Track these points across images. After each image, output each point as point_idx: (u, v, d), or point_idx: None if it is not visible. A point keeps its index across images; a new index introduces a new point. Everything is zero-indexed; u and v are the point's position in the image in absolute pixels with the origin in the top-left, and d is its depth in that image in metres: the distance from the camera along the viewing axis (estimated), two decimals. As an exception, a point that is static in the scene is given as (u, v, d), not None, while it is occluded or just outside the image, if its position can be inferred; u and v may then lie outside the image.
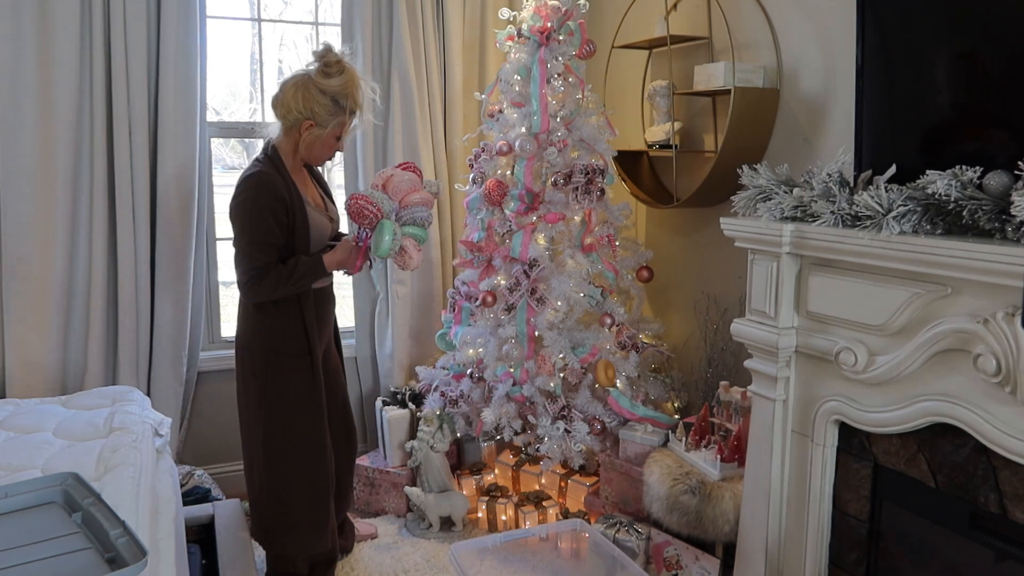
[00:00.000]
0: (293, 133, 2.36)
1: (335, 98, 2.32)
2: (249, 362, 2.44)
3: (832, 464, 2.10)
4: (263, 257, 2.28)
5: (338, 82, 2.30)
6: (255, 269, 2.29)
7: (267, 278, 2.28)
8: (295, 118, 2.32)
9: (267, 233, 2.28)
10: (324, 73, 2.30)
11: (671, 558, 2.61)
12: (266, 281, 2.29)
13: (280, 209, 2.29)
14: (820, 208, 1.94)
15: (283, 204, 2.29)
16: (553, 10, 2.98)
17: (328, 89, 2.30)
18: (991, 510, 1.71)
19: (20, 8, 2.80)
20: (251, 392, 2.46)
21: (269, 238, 2.29)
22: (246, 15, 3.67)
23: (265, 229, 2.28)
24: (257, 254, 2.28)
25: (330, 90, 2.31)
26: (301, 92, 2.29)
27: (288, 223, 2.32)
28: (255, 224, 2.27)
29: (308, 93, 2.29)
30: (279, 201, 2.28)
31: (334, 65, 2.30)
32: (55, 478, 1.67)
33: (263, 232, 2.27)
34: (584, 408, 2.96)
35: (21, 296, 2.92)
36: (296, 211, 2.33)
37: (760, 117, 2.70)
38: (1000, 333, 1.59)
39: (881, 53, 2.02)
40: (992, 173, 1.63)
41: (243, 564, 2.35)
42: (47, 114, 2.88)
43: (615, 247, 3.10)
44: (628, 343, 3.03)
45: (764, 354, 2.18)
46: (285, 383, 2.41)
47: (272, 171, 2.32)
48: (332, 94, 2.31)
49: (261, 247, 2.28)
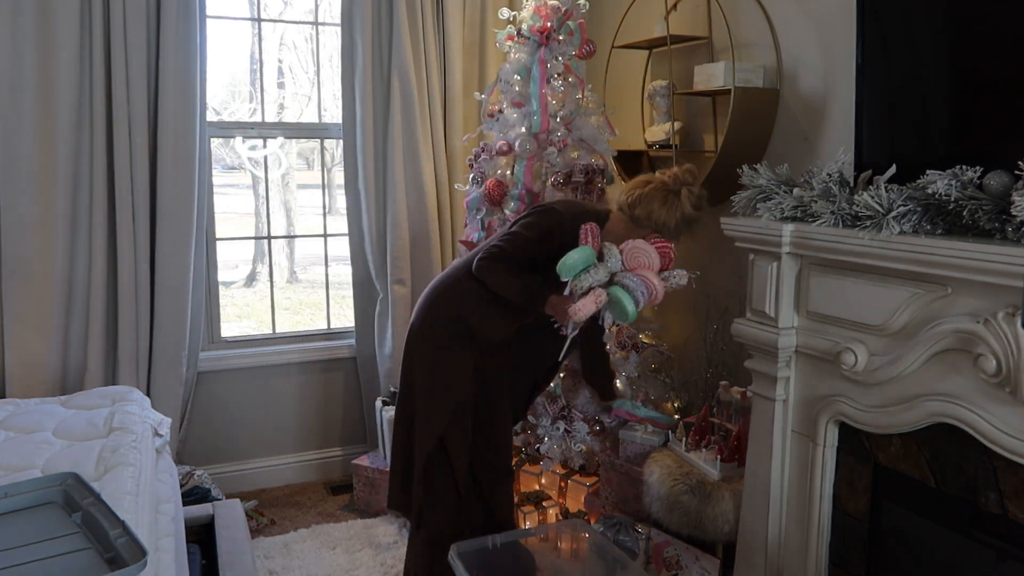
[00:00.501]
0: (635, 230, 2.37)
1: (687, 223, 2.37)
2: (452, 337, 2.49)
3: (832, 464, 2.10)
4: (518, 252, 2.37)
5: (697, 215, 2.37)
6: (506, 252, 2.37)
7: (503, 263, 2.36)
8: (649, 223, 2.35)
9: (542, 244, 2.35)
10: (689, 200, 2.34)
11: (671, 558, 2.61)
12: (503, 264, 2.36)
13: (567, 240, 2.28)
14: (820, 208, 1.94)
15: (570, 240, 2.28)
16: (553, 10, 2.98)
17: (688, 216, 2.35)
18: (991, 510, 1.71)
19: (20, 8, 2.80)
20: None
21: (540, 248, 2.35)
22: (246, 15, 3.67)
23: (545, 241, 2.35)
24: (522, 246, 2.37)
25: (688, 217, 2.35)
26: (667, 208, 2.33)
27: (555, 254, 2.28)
28: (540, 227, 2.37)
29: (672, 211, 2.33)
30: (571, 235, 2.28)
31: (696, 198, 2.35)
32: (55, 478, 1.67)
33: (542, 242, 2.35)
34: (584, 408, 2.96)
35: (21, 296, 2.93)
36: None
37: (760, 117, 2.70)
38: (1000, 333, 1.59)
39: (881, 53, 2.02)
40: (992, 173, 1.63)
41: (243, 564, 2.35)
42: (47, 114, 2.88)
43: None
44: (628, 343, 3.03)
45: (764, 354, 2.18)
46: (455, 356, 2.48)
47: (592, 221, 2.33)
48: (687, 220, 2.36)
49: (530, 245, 2.37)
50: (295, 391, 3.61)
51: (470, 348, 2.47)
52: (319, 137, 3.84)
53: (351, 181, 3.51)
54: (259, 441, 3.57)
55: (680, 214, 2.34)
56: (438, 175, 3.53)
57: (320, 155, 4.26)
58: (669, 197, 2.34)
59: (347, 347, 3.67)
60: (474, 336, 2.47)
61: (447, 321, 2.48)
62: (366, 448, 3.65)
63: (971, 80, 1.82)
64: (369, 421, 3.65)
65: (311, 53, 7.23)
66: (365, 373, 3.63)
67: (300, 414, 3.63)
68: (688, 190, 2.34)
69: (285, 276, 8.86)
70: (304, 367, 3.61)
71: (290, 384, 3.60)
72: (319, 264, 4.50)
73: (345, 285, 3.75)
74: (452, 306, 2.48)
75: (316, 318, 7.38)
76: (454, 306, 2.48)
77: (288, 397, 3.60)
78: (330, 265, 3.97)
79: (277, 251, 8.56)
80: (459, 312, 2.47)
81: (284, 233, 8.38)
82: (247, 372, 3.50)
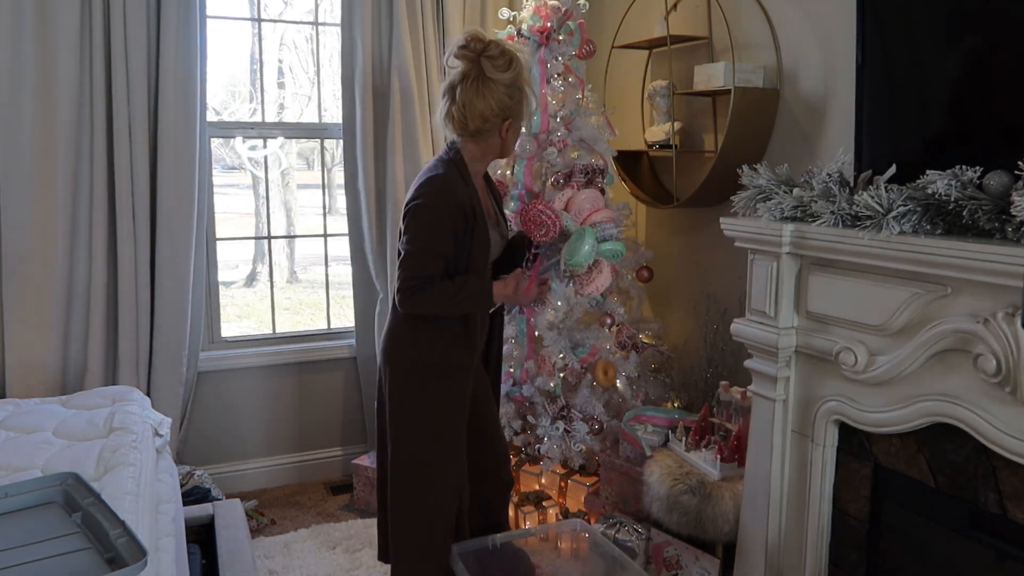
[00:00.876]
0: (488, 138, 2.20)
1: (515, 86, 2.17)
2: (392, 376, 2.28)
3: (832, 464, 2.10)
4: (430, 267, 2.11)
5: (514, 76, 2.16)
6: (418, 278, 2.10)
7: (429, 291, 2.10)
8: (493, 124, 2.16)
9: (440, 242, 2.11)
10: (496, 68, 2.13)
11: (671, 558, 2.61)
12: (428, 294, 2.11)
13: (459, 218, 2.12)
14: (820, 208, 1.94)
15: (462, 214, 2.12)
16: (553, 10, 2.98)
17: (509, 83, 2.15)
18: (991, 510, 1.71)
19: (20, 8, 2.80)
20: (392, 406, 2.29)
21: (440, 247, 2.11)
22: (246, 15, 3.67)
23: (439, 238, 2.11)
24: (425, 261, 2.11)
25: (507, 81, 2.14)
26: (488, 95, 2.12)
27: (463, 235, 2.15)
28: (430, 230, 2.10)
29: (494, 93, 2.13)
30: (459, 210, 2.12)
31: (500, 58, 2.13)
32: (55, 478, 1.67)
33: (436, 240, 2.10)
34: (584, 408, 2.96)
35: (21, 296, 2.93)
36: (474, 224, 2.16)
37: (760, 117, 2.70)
38: (1000, 333, 1.59)
39: (881, 53, 2.02)
40: (992, 173, 1.63)
41: (243, 564, 2.35)
42: (47, 114, 2.88)
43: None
44: (628, 343, 3.03)
45: (764, 354, 2.18)
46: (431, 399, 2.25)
47: (457, 177, 2.16)
48: (510, 84, 2.15)
49: (430, 255, 2.11)
50: (295, 391, 3.61)
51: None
52: (319, 137, 3.84)
53: (351, 181, 3.51)
54: (259, 441, 3.57)
55: (502, 88, 2.12)
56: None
57: (320, 155, 4.26)
58: (477, 83, 2.11)
59: (347, 347, 3.67)
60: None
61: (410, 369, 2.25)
62: (366, 448, 3.65)
63: (971, 80, 1.82)
64: (369, 421, 3.65)
65: (311, 53, 7.24)
66: (365, 373, 3.63)
67: (300, 414, 3.63)
68: (486, 61, 2.11)
69: (285, 276, 8.87)
70: (304, 367, 3.61)
71: (290, 384, 3.60)
72: (319, 264, 4.51)
73: (345, 285, 3.76)
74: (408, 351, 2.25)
75: (316, 318, 7.38)
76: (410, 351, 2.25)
77: (288, 397, 3.60)
78: (330, 265, 3.97)
79: (277, 251, 8.56)
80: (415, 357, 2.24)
81: (284, 233, 8.38)
82: (247, 372, 3.50)
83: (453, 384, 2.25)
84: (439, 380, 2.24)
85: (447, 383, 2.24)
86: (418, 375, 2.24)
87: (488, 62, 2.12)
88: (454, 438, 2.28)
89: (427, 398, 2.24)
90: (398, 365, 2.26)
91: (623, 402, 3.09)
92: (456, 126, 2.19)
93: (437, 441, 2.26)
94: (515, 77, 2.16)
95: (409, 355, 2.24)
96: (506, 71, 2.13)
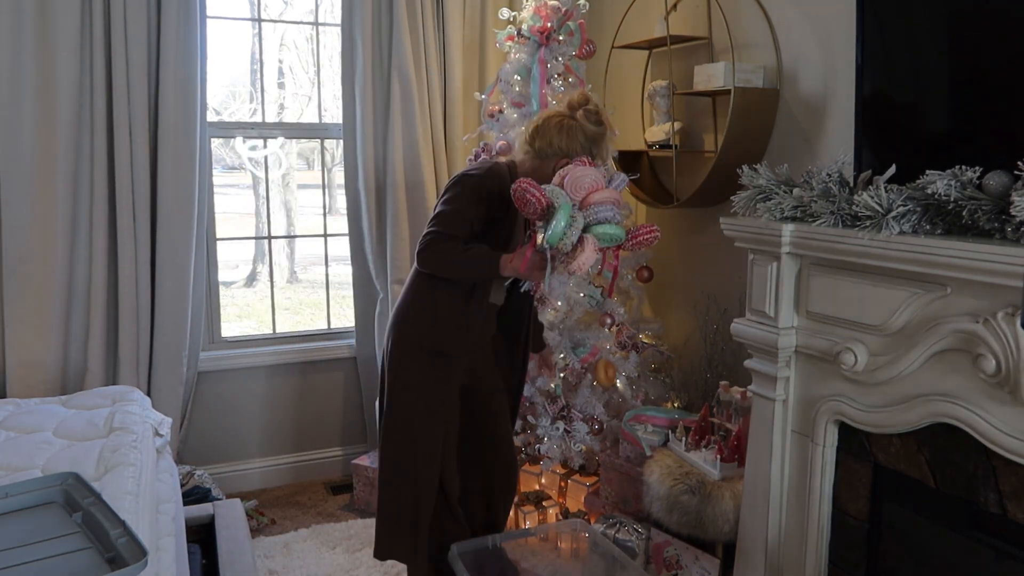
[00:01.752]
0: (545, 162, 2.37)
1: (592, 141, 2.38)
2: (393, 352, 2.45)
3: (832, 464, 2.10)
4: (457, 229, 2.27)
5: (599, 130, 2.38)
6: (443, 234, 2.27)
7: (445, 244, 2.26)
8: (553, 152, 2.36)
9: (474, 214, 2.29)
10: (587, 119, 2.36)
11: (671, 558, 2.61)
12: (443, 247, 2.26)
13: (497, 203, 2.31)
14: (820, 208, 1.94)
15: (503, 201, 2.28)
16: (553, 10, 2.98)
17: (589, 134, 2.36)
18: (991, 510, 1.71)
19: (20, 8, 2.81)
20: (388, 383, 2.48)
21: (472, 217, 2.29)
22: (246, 15, 3.67)
23: (475, 209, 2.29)
24: (455, 222, 2.28)
25: (590, 134, 2.36)
26: (566, 132, 2.34)
27: (495, 221, 2.34)
28: (467, 199, 2.30)
29: (572, 133, 2.34)
30: (501, 196, 2.28)
31: (594, 115, 2.37)
32: (55, 478, 1.67)
33: (472, 210, 2.29)
34: (584, 408, 2.96)
35: (21, 296, 2.93)
36: (506, 216, 2.35)
37: (760, 117, 2.70)
38: (1000, 333, 1.59)
39: (881, 53, 2.02)
40: (992, 173, 1.63)
41: (243, 564, 2.35)
42: (47, 114, 2.89)
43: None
44: (628, 343, 3.03)
45: (764, 354, 2.18)
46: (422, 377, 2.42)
47: (508, 176, 2.36)
48: (590, 137, 2.37)
49: (462, 220, 2.28)
50: (295, 391, 3.61)
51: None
52: (319, 137, 3.84)
53: (351, 181, 3.51)
54: (259, 441, 3.57)
55: (582, 135, 2.34)
56: (438, 175, 3.53)
57: (320, 155, 4.26)
58: (565, 122, 2.35)
59: (347, 347, 3.67)
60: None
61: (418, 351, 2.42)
62: (366, 448, 3.65)
63: (971, 80, 1.82)
64: (369, 421, 3.65)
65: (311, 53, 7.23)
66: (365, 373, 3.63)
67: (300, 414, 3.63)
68: (584, 111, 2.35)
69: (285, 276, 8.87)
70: (304, 367, 3.61)
71: (290, 384, 3.60)
72: (319, 264, 4.51)
73: (345, 285, 3.76)
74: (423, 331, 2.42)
75: (316, 318, 7.38)
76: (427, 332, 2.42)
77: (288, 397, 3.60)
78: (330, 265, 3.97)
79: (277, 251, 8.56)
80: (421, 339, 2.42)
81: (284, 233, 8.38)
82: (247, 372, 3.51)
83: (445, 368, 2.42)
84: (432, 362, 2.41)
85: (440, 364, 2.41)
86: (414, 355, 2.41)
87: (583, 112, 2.36)
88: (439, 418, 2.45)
89: (420, 377, 2.42)
90: (398, 344, 2.44)
91: (623, 402, 3.09)
92: (527, 137, 2.39)
93: (426, 415, 2.42)
94: (598, 136, 2.37)
95: (410, 337, 2.42)
96: (595, 125, 2.36)
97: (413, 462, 2.43)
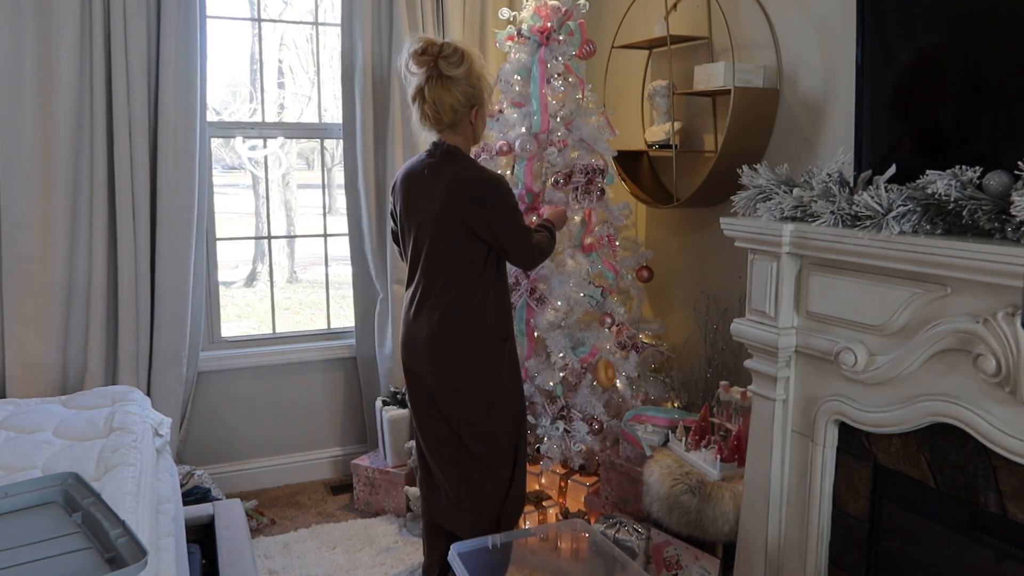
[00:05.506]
0: (462, 127, 2.38)
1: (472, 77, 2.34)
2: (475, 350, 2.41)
3: (832, 464, 2.10)
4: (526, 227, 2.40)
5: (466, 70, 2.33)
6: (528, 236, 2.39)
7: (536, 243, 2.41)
8: (462, 113, 2.35)
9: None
10: (452, 65, 2.30)
11: (671, 558, 2.61)
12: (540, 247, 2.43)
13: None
14: (820, 208, 1.94)
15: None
16: (553, 10, 2.98)
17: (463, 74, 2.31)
18: (991, 510, 1.71)
19: (20, 8, 2.81)
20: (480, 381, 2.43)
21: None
22: (246, 15, 3.67)
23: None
24: (522, 223, 2.39)
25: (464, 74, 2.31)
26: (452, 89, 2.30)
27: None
28: (515, 205, 2.39)
29: (457, 86, 2.31)
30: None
31: (454, 55, 2.31)
32: (55, 478, 1.67)
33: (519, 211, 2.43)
34: (584, 408, 2.96)
35: (21, 296, 2.93)
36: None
37: (760, 117, 2.70)
38: (1000, 333, 1.59)
39: (881, 53, 2.02)
40: (992, 173, 1.63)
41: (243, 564, 2.35)
42: (47, 114, 2.88)
43: (615, 247, 3.10)
44: (628, 343, 3.03)
45: (764, 354, 2.18)
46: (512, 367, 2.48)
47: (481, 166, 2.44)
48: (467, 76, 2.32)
49: (521, 216, 2.40)
50: (295, 391, 3.61)
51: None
52: (319, 137, 3.84)
53: (351, 181, 3.51)
54: (259, 441, 3.57)
55: (462, 81, 2.30)
56: (438, 175, 3.52)
57: (320, 155, 4.26)
58: (442, 82, 2.29)
59: (347, 347, 3.67)
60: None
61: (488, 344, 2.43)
62: (366, 448, 3.65)
63: (971, 80, 1.82)
64: (369, 421, 3.65)
65: (311, 53, 7.24)
66: (365, 373, 3.63)
67: (300, 414, 3.63)
68: (442, 61, 2.29)
69: (285, 276, 8.87)
70: (304, 367, 3.61)
71: (290, 384, 3.60)
72: (319, 264, 4.51)
73: (345, 285, 3.76)
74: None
75: (316, 318, 7.38)
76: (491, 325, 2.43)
77: (288, 397, 3.60)
78: (330, 265, 3.97)
79: (277, 251, 8.56)
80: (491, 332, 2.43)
81: (284, 233, 8.38)
82: (247, 372, 3.51)
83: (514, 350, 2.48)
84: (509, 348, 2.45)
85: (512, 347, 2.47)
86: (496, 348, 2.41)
87: (444, 62, 2.30)
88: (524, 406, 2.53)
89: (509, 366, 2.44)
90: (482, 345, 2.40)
91: (623, 402, 3.09)
92: (433, 123, 2.36)
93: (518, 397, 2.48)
94: (469, 70, 2.33)
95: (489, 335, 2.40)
96: (460, 66, 2.31)
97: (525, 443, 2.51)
